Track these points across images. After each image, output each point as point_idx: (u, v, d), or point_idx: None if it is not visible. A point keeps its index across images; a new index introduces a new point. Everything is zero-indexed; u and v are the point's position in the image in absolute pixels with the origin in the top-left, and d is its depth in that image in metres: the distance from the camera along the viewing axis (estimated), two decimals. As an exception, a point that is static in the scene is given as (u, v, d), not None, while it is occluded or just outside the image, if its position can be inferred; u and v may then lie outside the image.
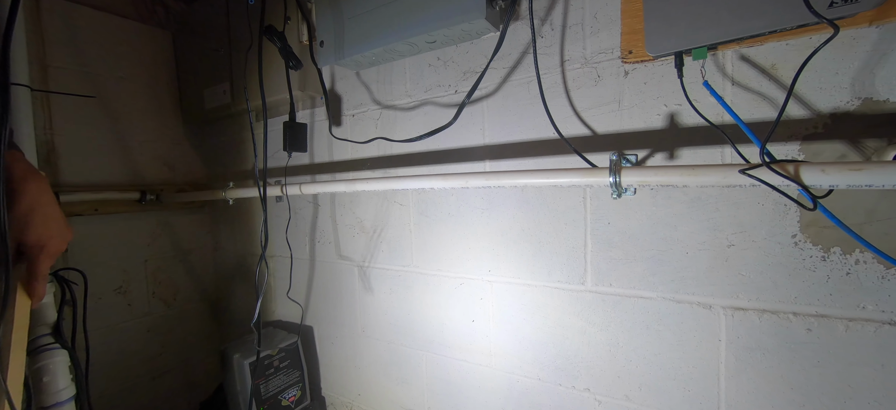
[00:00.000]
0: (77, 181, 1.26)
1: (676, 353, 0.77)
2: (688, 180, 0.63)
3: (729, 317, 0.73)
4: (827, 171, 0.53)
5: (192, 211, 1.58)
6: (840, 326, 0.65)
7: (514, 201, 0.93)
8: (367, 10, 0.97)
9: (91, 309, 0.98)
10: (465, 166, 1.00)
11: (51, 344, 0.80)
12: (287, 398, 1.23)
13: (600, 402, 0.86)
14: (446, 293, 1.05)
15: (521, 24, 0.89)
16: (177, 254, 1.53)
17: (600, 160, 0.79)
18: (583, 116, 0.83)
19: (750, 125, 0.65)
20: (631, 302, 0.81)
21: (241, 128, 1.46)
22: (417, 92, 1.05)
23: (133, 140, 1.40)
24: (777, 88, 0.66)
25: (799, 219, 0.66)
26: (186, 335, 1.56)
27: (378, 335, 1.20)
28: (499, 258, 0.96)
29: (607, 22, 0.79)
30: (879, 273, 0.62)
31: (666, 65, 0.74)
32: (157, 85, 1.45)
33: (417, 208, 1.08)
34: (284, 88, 1.13)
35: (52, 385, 0.78)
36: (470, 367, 1.04)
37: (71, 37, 1.25)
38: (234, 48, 1.27)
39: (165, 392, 1.49)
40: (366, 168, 1.17)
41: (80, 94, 1.26)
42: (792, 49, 0.65)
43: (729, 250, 0.72)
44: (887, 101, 0.60)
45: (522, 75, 0.90)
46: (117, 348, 1.36)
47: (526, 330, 0.94)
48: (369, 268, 1.19)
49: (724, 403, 0.74)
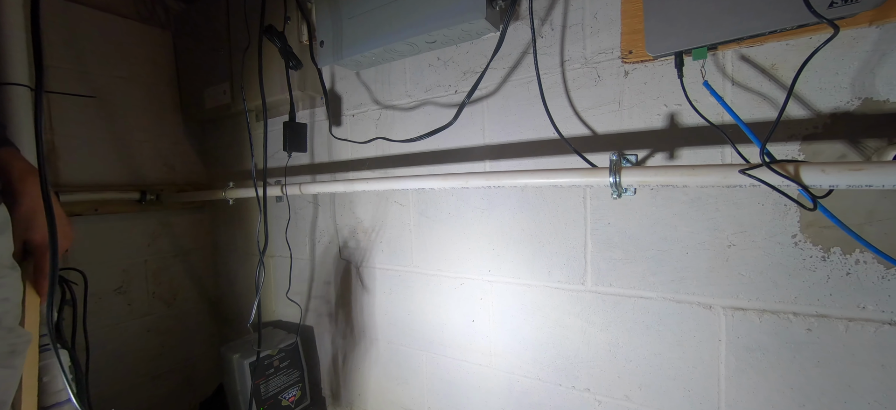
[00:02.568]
0: (77, 181, 1.26)
1: (676, 353, 0.77)
2: (688, 180, 0.63)
3: (729, 317, 0.73)
4: (827, 171, 0.53)
5: (192, 211, 1.58)
6: (840, 326, 0.65)
7: (514, 201, 0.93)
8: (366, 10, 0.97)
9: (91, 309, 0.98)
10: (465, 166, 1.00)
11: (51, 344, 0.80)
12: (287, 398, 1.23)
13: (600, 402, 0.86)
14: (446, 293, 1.05)
15: (521, 24, 0.89)
16: (177, 254, 1.53)
17: (600, 160, 0.79)
18: (583, 117, 0.83)
19: (750, 125, 0.65)
20: (631, 302, 0.81)
21: (241, 128, 1.45)
22: (417, 92, 1.05)
23: (133, 140, 1.40)
24: (777, 88, 0.66)
25: (799, 219, 0.66)
26: (186, 335, 1.56)
27: (378, 335, 1.20)
28: (499, 258, 0.96)
29: (607, 22, 0.79)
30: (879, 273, 0.62)
31: (666, 65, 0.74)
32: (157, 85, 1.45)
33: (417, 208, 1.08)
34: (284, 88, 1.13)
35: (52, 385, 0.78)
36: (470, 367, 1.04)
37: (71, 37, 1.25)
38: (234, 48, 1.27)
39: (165, 392, 1.49)
40: (366, 168, 1.17)
41: (80, 94, 1.26)
42: (792, 49, 0.65)
43: (729, 250, 0.72)
44: (887, 101, 0.60)
45: (522, 75, 0.90)
46: (117, 348, 1.36)
47: (526, 330, 0.94)
48: (369, 268, 1.19)
49: (724, 403, 0.74)
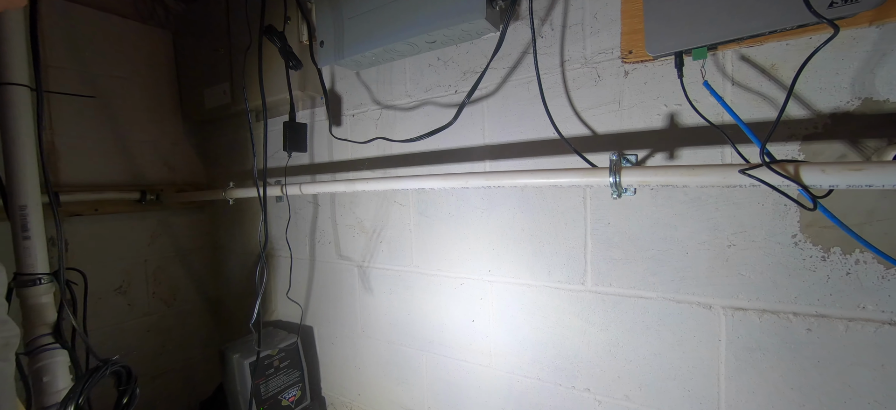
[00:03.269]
0: (77, 181, 1.26)
1: (676, 353, 0.77)
2: (688, 180, 0.63)
3: (729, 317, 0.73)
4: (827, 171, 0.53)
5: (192, 211, 1.58)
6: (840, 326, 0.65)
7: (514, 201, 0.93)
8: (366, 10, 0.97)
9: (91, 309, 0.98)
10: (465, 166, 0.99)
11: (51, 344, 0.80)
12: (287, 398, 1.23)
13: (600, 402, 0.86)
14: (446, 293, 1.05)
15: (521, 24, 0.89)
16: (177, 254, 1.53)
17: (600, 160, 0.79)
18: (583, 116, 0.83)
19: (750, 125, 0.65)
20: (631, 302, 0.81)
21: (241, 128, 1.45)
22: (417, 92, 1.05)
23: (133, 140, 1.40)
24: (777, 88, 0.66)
25: (799, 219, 0.66)
26: (186, 335, 1.56)
27: (378, 335, 1.20)
28: (499, 258, 0.96)
29: (607, 22, 0.79)
30: (879, 273, 0.62)
31: (666, 65, 0.74)
32: (157, 85, 1.45)
33: (417, 208, 1.08)
34: (284, 88, 1.13)
35: (52, 385, 0.78)
36: (470, 367, 1.04)
37: (71, 37, 1.25)
38: (234, 48, 1.27)
39: (165, 392, 1.49)
40: (366, 168, 1.17)
41: (80, 94, 1.26)
42: (792, 49, 0.65)
43: (729, 250, 0.72)
44: (887, 101, 0.60)
45: (522, 75, 0.90)
46: (117, 348, 1.36)
47: (526, 330, 0.94)
48: (369, 268, 1.19)
49: (724, 403, 0.74)
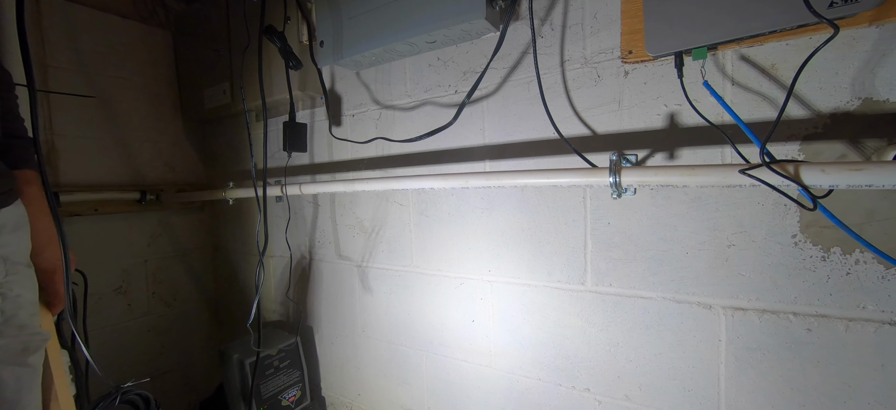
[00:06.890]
0: (77, 181, 1.26)
1: (676, 353, 0.77)
2: (688, 180, 0.63)
3: (729, 317, 0.73)
4: (827, 171, 0.53)
5: (192, 211, 1.58)
6: (840, 326, 0.65)
7: (514, 201, 0.93)
8: (366, 10, 0.97)
9: (91, 309, 0.98)
10: (465, 166, 0.99)
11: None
12: (287, 398, 1.23)
13: (600, 402, 0.86)
14: (446, 293, 1.05)
15: (520, 24, 0.89)
16: (177, 254, 1.53)
17: (600, 160, 0.79)
18: (583, 117, 0.83)
19: (750, 125, 0.65)
20: (631, 302, 0.81)
21: (241, 128, 1.45)
22: (417, 92, 1.05)
23: (133, 140, 1.40)
24: (777, 88, 0.66)
25: (799, 219, 0.66)
26: (186, 335, 1.56)
27: (378, 335, 1.20)
28: (499, 258, 0.96)
29: (607, 22, 0.79)
30: (879, 273, 0.62)
31: (666, 65, 0.74)
32: (157, 85, 1.45)
33: (417, 208, 1.08)
34: (284, 88, 1.13)
35: (52, 385, 0.78)
36: (470, 367, 1.04)
37: (71, 37, 1.25)
38: (234, 48, 1.27)
39: (165, 393, 1.49)
40: (366, 168, 1.17)
41: (80, 94, 1.26)
42: (792, 49, 0.65)
43: (729, 250, 0.72)
44: (887, 101, 0.59)
45: (522, 75, 0.90)
46: (117, 348, 1.36)
47: (526, 330, 0.94)
48: (369, 268, 1.19)
49: (724, 403, 0.74)
